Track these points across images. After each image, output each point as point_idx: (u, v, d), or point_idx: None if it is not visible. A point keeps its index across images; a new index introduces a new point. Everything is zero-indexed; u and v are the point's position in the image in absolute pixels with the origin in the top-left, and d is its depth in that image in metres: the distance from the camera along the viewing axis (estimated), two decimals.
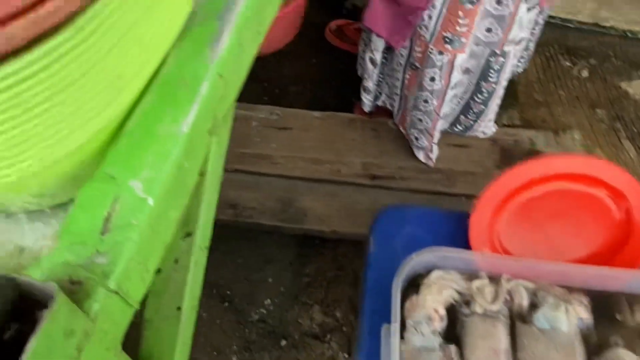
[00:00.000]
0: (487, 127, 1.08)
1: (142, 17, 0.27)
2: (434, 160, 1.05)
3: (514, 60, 0.94)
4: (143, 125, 0.29)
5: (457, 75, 0.90)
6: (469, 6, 0.81)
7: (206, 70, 0.33)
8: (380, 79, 1.06)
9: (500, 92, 0.99)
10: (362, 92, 1.09)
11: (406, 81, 0.98)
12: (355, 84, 1.14)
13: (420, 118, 0.98)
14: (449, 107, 0.98)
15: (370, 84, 1.05)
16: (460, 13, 0.82)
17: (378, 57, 0.99)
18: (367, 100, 1.09)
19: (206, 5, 0.39)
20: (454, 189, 1.02)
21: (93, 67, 0.24)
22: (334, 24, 1.45)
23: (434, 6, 0.83)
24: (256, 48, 0.43)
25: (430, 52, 0.88)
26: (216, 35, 0.36)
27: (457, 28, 0.84)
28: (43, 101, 0.23)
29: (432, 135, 0.99)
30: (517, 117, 1.34)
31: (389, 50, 0.99)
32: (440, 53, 0.87)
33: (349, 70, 1.33)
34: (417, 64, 0.93)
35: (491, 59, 0.91)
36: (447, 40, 0.85)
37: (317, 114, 1.11)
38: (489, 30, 0.86)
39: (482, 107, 1.01)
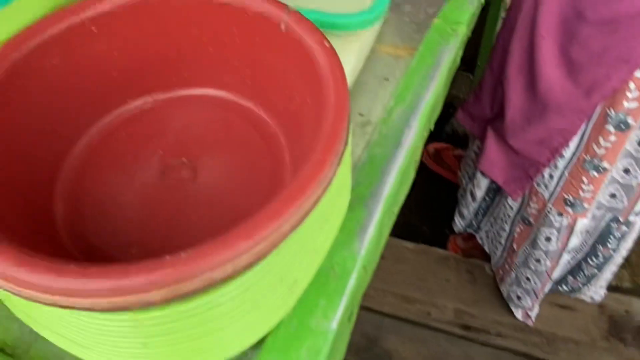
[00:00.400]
0: (596, 292, 1.04)
1: (320, 229, 0.33)
2: (533, 319, 1.02)
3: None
4: (298, 315, 0.34)
5: (575, 240, 0.90)
6: (595, 174, 0.82)
7: (354, 263, 0.38)
8: (480, 213, 1.08)
9: (618, 260, 0.96)
10: (456, 213, 1.11)
11: (515, 234, 0.99)
12: (450, 215, 1.15)
13: (528, 277, 0.97)
14: (561, 270, 0.97)
15: (466, 212, 1.08)
16: (584, 179, 0.83)
17: (479, 194, 1.02)
18: (459, 224, 1.10)
19: (355, 189, 0.45)
20: (555, 357, 0.97)
21: (279, 279, 0.29)
22: (432, 148, 1.49)
23: (555, 166, 0.85)
24: (390, 229, 0.48)
25: (548, 212, 0.89)
26: (363, 225, 0.41)
27: (580, 193, 0.85)
28: (231, 315, 0.28)
29: (537, 297, 0.97)
30: (627, 279, 1.28)
31: (495, 191, 1.02)
32: (560, 214, 0.88)
33: (445, 199, 1.35)
34: (531, 220, 0.94)
35: (612, 225, 0.90)
36: (569, 203, 0.86)
37: (410, 245, 1.14)
38: (613, 195, 0.86)
39: (595, 271, 0.98)
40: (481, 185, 1.01)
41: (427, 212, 1.37)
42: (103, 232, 0.34)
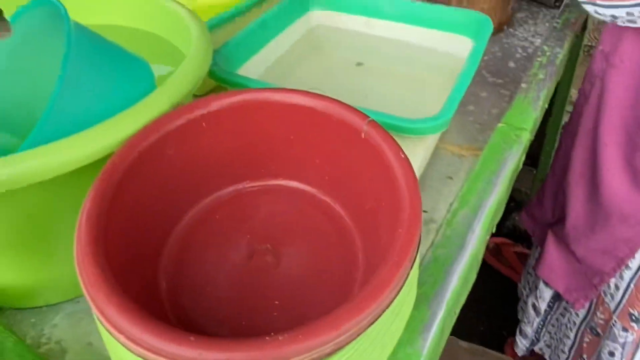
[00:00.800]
0: None
1: (390, 324, 0.38)
2: None
3: None
4: None
5: None
6: None
7: None
8: (541, 326, 1.07)
9: None
10: (518, 334, 1.10)
11: (584, 344, 0.97)
12: (509, 314, 1.14)
13: None
14: None
15: (529, 329, 1.07)
16: None
17: (543, 306, 1.02)
18: (522, 345, 1.09)
19: (419, 287, 0.50)
20: None
21: None
22: (492, 242, 1.50)
23: (621, 276, 0.85)
24: (450, 328, 0.52)
25: (613, 324, 0.89)
26: (427, 325, 0.46)
27: None
28: None
29: None
30: None
31: (556, 297, 1.02)
32: (625, 330, 0.87)
33: (503, 297, 1.34)
34: (599, 330, 0.93)
35: None
36: (634, 318, 0.86)
37: (465, 344, 1.14)
38: None
39: None
40: (544, 297, 1.01)
41: (484, 310, 1.36)
42: (199, 306, 0.41)
